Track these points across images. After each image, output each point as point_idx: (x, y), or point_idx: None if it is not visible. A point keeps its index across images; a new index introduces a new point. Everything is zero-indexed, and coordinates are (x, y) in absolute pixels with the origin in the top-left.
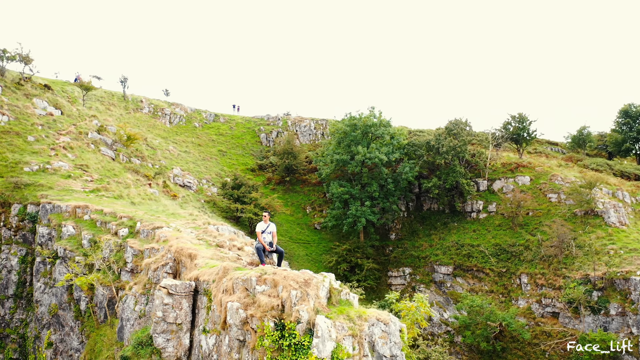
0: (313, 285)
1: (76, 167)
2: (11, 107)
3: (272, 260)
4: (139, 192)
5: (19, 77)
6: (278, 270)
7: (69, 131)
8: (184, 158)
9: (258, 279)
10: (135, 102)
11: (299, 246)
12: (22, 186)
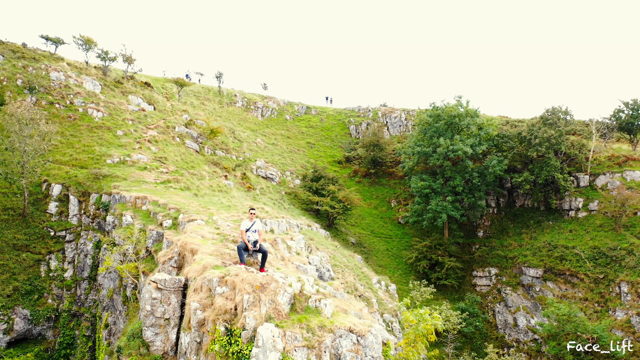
0: (269, 291)
1: (154, 159)
2: (107, 104)
3: (257, 260)
4: (212, 184)
5: (122, 76)
6: (241, 272)
7: (157, 125)
8: (271, 150)
9: (220, 280)
10: (229, 97)
11: (379, 240)
12: (101, 177)
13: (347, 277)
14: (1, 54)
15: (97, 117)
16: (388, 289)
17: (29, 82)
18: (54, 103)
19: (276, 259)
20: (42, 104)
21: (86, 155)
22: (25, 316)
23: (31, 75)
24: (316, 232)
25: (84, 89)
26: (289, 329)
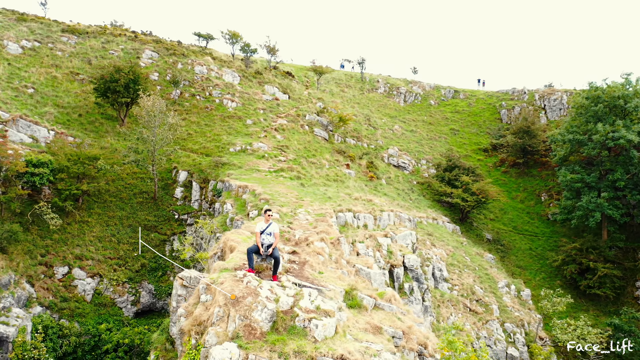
0: (243, 305)
1: (276, 148)
2: (242, 94)
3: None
4: (329, 173)
5: (265, 66)
6: (228, 280)
7: (288, 114)
8: (407, 137)
9: (207, 286)
10: (371, 83)
11: (522, 238)
12: (220, 165)
13: (464, 278)
14: (157, 52)
15: (230, 107)
16: (519, 295)
17: (174, 77)
18: (195, 95)
19: (329, 261)
20: (185, 96)
21: (213, 144)
22: (150, 290)
23: (177, 70)
24: (441, 226)
25: (223, 81)
26: (255, 351)
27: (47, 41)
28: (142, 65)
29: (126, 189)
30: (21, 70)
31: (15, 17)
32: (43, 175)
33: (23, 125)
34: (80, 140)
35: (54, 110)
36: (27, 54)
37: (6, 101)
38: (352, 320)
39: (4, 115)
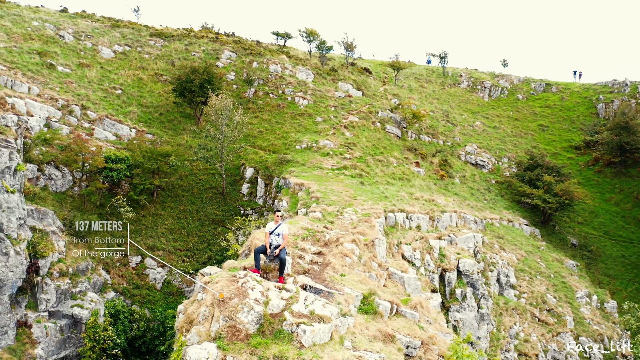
0: (228, 306)
1: (342, 145)
2: (314, 92)
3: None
4: (395, 171)
5: (341, 63)
6: (223, 279)
7: (360, 111)
8: (489, 134)
9: (205, 285)
10: (454, 77)
11: (614, 245)
12: (284, 162)
13: (534, 285)
14: (235, 52)
15: (302, 104)
16: (602, 306)
17: (248, 76)
18: (269, 93)
19: (356, 263)
20: (259, 95)
21: (281, 141)
22: None
23: (252, 69)
24: (517, 229)
25: (296, 79)
26: (233, 353)
27: (136, 45)
28: (220, 66)
29: (197, 184)
30: (111, 73)
31: (111, 23)
32: (120, 170)
33: (108, 124)
34: (158, 137)
35: (138, 110)
36: (118, 58)
37: (96, 102)
38: (361, 327)
39: (92, 114)
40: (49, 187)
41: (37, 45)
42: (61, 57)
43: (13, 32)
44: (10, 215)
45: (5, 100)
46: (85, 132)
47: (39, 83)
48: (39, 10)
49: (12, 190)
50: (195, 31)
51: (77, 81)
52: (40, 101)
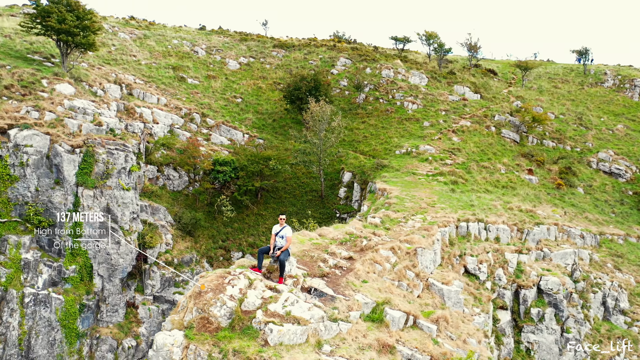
0: (202, 299)
1: (445, 150)
2: (426, 96)
3: None
4: (500, 179)
5: (463, 65)
6: (215, 275)
7: (473, 115)
8: (633, 139)
9: (199, 279)
10: (596, 75)
11: None
12: (380, 167)
13: None
14: (350, 59)
15: (410, 109)
16: None
17: (358, 82)
18: (379, 98)
19: (387, 271)
20: (369, 100)
21: (383, 146)
22: None
23: (365, 75)
24: None
25: (408, 83)
26: (197, 343)
27: (259, 56)
28: (334, 73)
29: (299, 187)
30: (234, 83)
31: (240, 38)
32: (226, 172)
33: (224, 130)
34: (267, 142)
35: (253, 117)
36: (242, 69)
37: (216, 110)
38: (357, 334)
39: (210, 121)
40: (167, 186)
41: (173, 60)
42: (192, 71)
43: (155, 50)
44: (124, 209)
45: (135, 110)
46: (203, 138)
47: (169, 94)
48: (180, 30)
49: (127, 188)
50: (318, 40)
51: (202, 91)
52: (166, 110)
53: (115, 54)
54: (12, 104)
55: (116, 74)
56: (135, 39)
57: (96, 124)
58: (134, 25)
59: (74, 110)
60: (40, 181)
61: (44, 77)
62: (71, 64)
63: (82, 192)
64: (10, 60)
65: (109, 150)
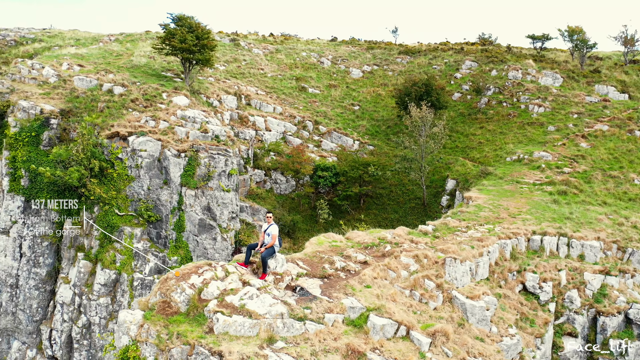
0: (166, 286)
1: (565, 157)
2: (557, 97)
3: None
4: (629, 190)
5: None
6: (191, 266)
7: (614, 117)
8: None
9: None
10: None
11: None
12: (483, 175)
13: None
14: (476, 61)
15: (535, 112)
16: None
17: (479, 85)
18: (502, 102)
19: (400, 279)
20: (491, 104)
21: (494, 153)
22: None
23: (489, 78)
24: None
25: (537, 85)
26: (150, 323)
27: (383, 64)
28: (457, 77)
29: (403, 194)
30: (354, 91)
31: (367, 46)
32: (326, 178)
33: (335, 137)
34: (377, 149)
35: (367, 124)
36: (365, 77)
37: (332, 117)
38: (327, 336)
39: (323, 129)
40: (274, 189)
41: (298, 72)
42: (314, 80)
43: (283, 62)
44: (223, 209)
45: (248, 118)
46: (313, 144)
47: (287, 103)
48: (312, 42)
49: (227, 189)
50: (449, 44)
51: (321, 100)
52: (280, 118)
53: (244, 67)
54: (134, 114)
55: (238, 86)
56: (268, 53)
57: (202, 131)
58: (269, 41)
59: (185, 119)
60: (152, 181)
61: (165, 90)
62: (193, 78)
63: (185, 192)
64: (146, 78)
65: (211, 154)
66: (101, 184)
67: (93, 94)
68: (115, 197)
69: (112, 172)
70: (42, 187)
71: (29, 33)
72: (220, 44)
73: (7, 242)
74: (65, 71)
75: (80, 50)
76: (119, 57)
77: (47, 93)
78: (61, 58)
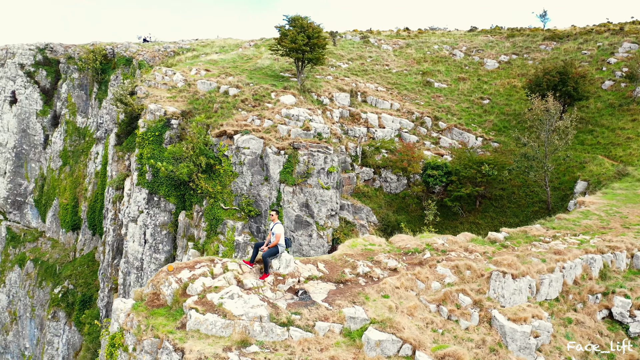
0: (157, 278)
1: None
2: None
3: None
4: None
5: None
6: (190, 261)
7: None
8: None
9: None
10: None
11: None
12: (618, 176)
13: None
14: (637, 43)
15: None
16: None
17: (633, 70)
18: None
19: (430, 290)
20: None
21: None
22: None
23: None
24: None
25: None
26: (136, 312)
27: (524, 52)
28: (611, 62)
29: (526, 197)
30: (485, 84)
31: (507, 34)
32: (436, 177)
33: (456, 133)
34: (502, 146)
35: (495, 119)
36: (501, 67)
37: (455, 113)
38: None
39: (442, 125)
40: (383, 188)
41: (426, 66)
42: (442, 74)
43: (411, 57)
44: (321, 206)
45: (360, 115)
46: (431, 141)
47: (409, 99)
48: (447, 34)
49: (326, 187)
50: (608, 25)
51: (446, 95)
52: (396, 115)
53: (368, 64)
54: (242, 114)
55: (356, 83)
56: (397, 49)
57: (304, 129)
58: (402, 36)
59: (288, 117)
60: (253, 177)
61: (274, 90)
62: (305, 77)
63: (284, 189)
64: (264, 78)
65: (310, 152)
66: (209, 179)
67: (211, 96)
68: (221, 192)
69: (219, 168)
70: (162, 181)
71: (186, 44)
72: (348, 42)
73: (135, 229)
74: (192, 76)
75: (218, 56)
76: (248, 61)
77: (173, 96)
78: (195, 64)
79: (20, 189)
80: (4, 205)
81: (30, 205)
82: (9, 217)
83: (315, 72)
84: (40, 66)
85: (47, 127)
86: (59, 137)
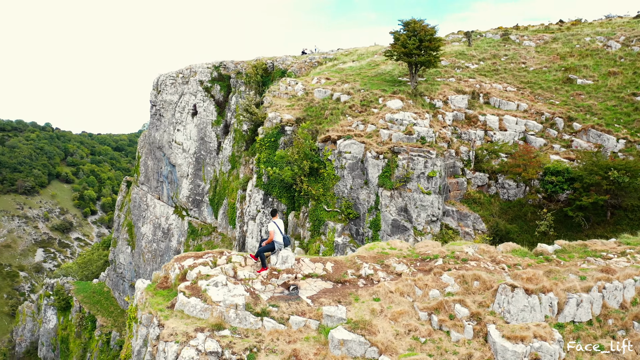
0: (167, 265)
1: None
2: None
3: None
4: None
5: None
6: (201, 251)
7: None
8: None
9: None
10: None
11: None
12: None
13: None
14: None
15: None
16: None
17: None
18: None
19: (426, 299)
20: None
21: None
22: None
23: None
24: None
25: None
26: (146, 291)
27: None
28: None
29: None
30: None
31: None
32: (555, 183)
33: (593, 135)
34: None
35: None
36: None
37: (596, 112)
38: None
39: (577, 126)
40: (499, 194)
41: (570, 61)
42: (590, 69)
43: (555, 52)
44: (421, 211)
45: (477, 118)
46: (561, 144)
47: (541, 99)
48: (604, 24)
49: (427, 192)
50: None
51: (590, 92)
52: (521, 116)
53: (501, 63)
54: (348, 119)
55: (480, 84)
56: (541, 44)
57: (406, 133)
58: (551, 30)
59: (392, 121)
60: (354, 181)
61: (382, 95)
62: (420, 80)
63: (382, 193)
64: (381, 84)
65: (410, 156)
66: (314, 182)
67: (324, 103)
68: (324, 195)
69: (323, 172)
70: (275, 183)
71: (330, 54)
72: (486, 41)
73: (253, 226)
74: (312, 85)
75: (349, 65)
76: (374, 67)
77: (291, 105)
78: (321, 73)
79: (199, 189)
80: (187, 203)
81: (206, 204)
82: (190, 214)
83: (437, 74)
84: (215, 82)
85: (219, 135)
86: (228, 144)
